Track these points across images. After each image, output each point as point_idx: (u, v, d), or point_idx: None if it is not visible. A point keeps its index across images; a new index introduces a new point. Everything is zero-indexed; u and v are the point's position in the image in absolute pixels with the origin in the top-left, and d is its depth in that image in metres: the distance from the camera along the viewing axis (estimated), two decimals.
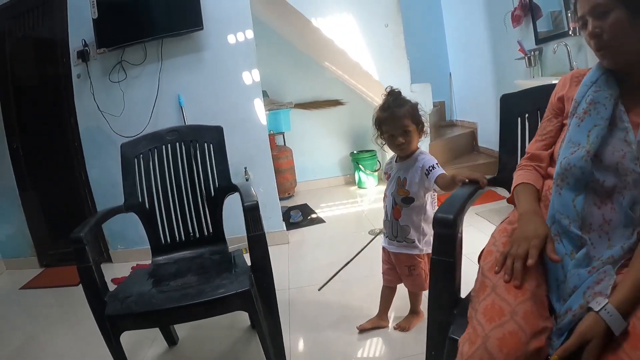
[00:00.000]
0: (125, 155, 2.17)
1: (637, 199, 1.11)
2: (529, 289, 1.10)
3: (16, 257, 3.92)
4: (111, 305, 1.65)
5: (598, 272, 1.05)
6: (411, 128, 1.95)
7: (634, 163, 1.11)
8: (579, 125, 1.20)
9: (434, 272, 1.35)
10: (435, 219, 1.34)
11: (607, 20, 1.11)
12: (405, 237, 2.05)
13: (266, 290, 1.79)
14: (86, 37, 3.33)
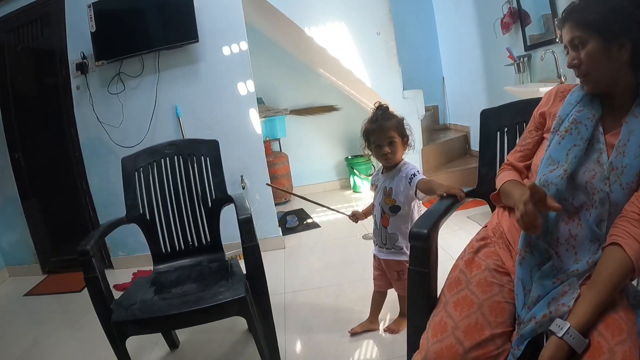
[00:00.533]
0: (126, 169, 2.26)
1: (603, 217, 1.17)
2: (476, 302, 1.19)
3: (19, 265, 3.99)
4: (117, 313, 1.75)
5: (563, 285, 1.14)
6: (397, 139, 2.06)
7: (603, 183, 1.18)
8: (560, 143, 1.27)
9: (411, 281, 1.43)
10: (411, 233, 1.42)
11: (584, 51, 1.19)
12: (393, 244, 2.14)
13: (260, 296, 1.89)
14: (85, 50, 3.41)
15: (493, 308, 1.19)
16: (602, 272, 1.09)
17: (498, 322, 1.16)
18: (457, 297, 1.24)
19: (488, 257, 1.33)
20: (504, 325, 1.17)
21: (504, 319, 1.18)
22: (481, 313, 1.17)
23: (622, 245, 1.09)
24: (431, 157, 4.53)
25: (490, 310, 1.18)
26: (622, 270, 1.08)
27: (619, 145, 1.19)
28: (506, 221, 1.38)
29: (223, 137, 3.37)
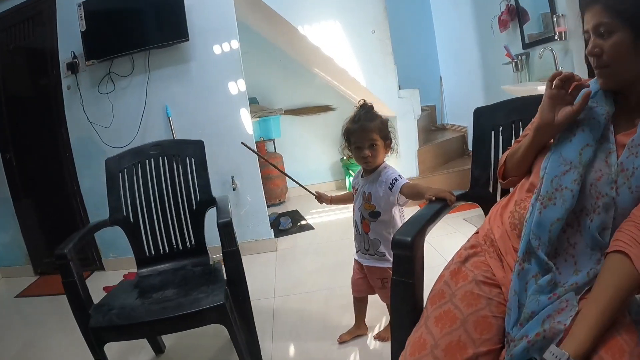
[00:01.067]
0: (109, 170, 2.23)
1: (607, 224, 1.06)
2: (459, 317, 1.11)
3: (11, 266, 3.98)
4: (95, 318, 1.71)
5: (560, 301, 1.02)
6: (378, 142, 1.97)
7: (609, 187, 1.07)
8: (571, 140, 1.16)
9: (394, 292, 1.35)
10: (393, 241, 1.34)
11: (609, 40, 1.08)
12: (376, 250, 2.07)
13: (241, 303, 1.85)
14: (75, 49, 3.39)
15: (478, 324, 1.10)
16: (606, 287, 0.98)
17: (483, 340, 1.07)
18: (439, 312, 1.15)
19: (476, 267, 1.24)
20: (491, 343, 1.07)
21: (491, 335, 1.09)
22: (464, 330, 1.08)
23: (629, 254, 0.97)
24: (427, 158, 4.48)
25: (474, 327, 1.09)
26: (630, 285, 0.96)
27: (632, 145, 1.07)
28: (498, 227, 1.28)
29: (214, 137, 3.36)
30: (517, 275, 1.10)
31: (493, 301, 1.14)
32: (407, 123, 4.29)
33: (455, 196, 1.61)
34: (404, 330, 1.20)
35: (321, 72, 4.95)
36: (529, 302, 1.05)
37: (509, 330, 1.06)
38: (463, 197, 1.71)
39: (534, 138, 1.24)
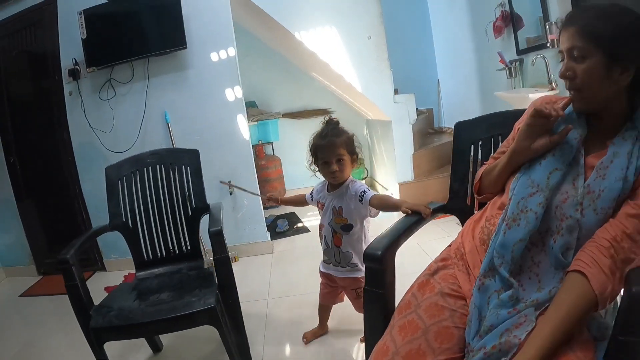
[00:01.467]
0: (109, 177, 2.33)
1: (570, 245, 1.08)
2: (421, 327, 1.15)
3: (15, 266, 4.06)
4: (95, 319, 1.81)
5: (519, 315, 1.06)
6: (345, 157, 2.02)
7: (574, 209, 1.09)
8: (541, 163, 1.18)
9: (367, 301, 1.41)
10: (365, 254, 1.40)
11: (583, 64, 1.08)
12: (348, 262, 2.12)
13: (232, 306, 1.95)
14: (76, 56, 3.47)
15: (439, 333, 1.14)
16: (560, 306, 1.01)
17: (443, 349, 1.12)
18: (404, 321, 1.20)
19: (444, 280, 1.29)
20: (450, 352, 1.12)
21: (451, 345, 1.13)
22: (425, 339, 1.13)
23: (586, 275, 1.01)
24: (422, 162, 4.51)
25: (435, 336, 1.13)
26: (584, 305, 1.00)
27: (601, 167, 1.09)
28: (469, 242, 1.32)
29: (211, 142, 3.44)
30: (478, 290, 1.16)
31: (457, 313, 1.19)
32: (402, 128, 4.33)
33: (430, 210, 1.65)
34: (376, 337, 1.24)
35: (319, 77, 5.00)
36: (489, 315, 1.09)
37: (469, 341, 1.11)
38: (441, 209, 1.76)
39: (509, 160, 1.27)
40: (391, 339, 1.17)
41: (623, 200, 1.08)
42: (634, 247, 1.03)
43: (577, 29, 1.08)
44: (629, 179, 1.06)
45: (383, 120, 4.56)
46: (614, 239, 1.03)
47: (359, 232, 2.09)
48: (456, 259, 1.33)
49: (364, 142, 5.64)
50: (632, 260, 1.03)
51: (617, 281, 1.01)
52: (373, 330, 1.34)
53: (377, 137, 5.08)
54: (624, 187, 1.06)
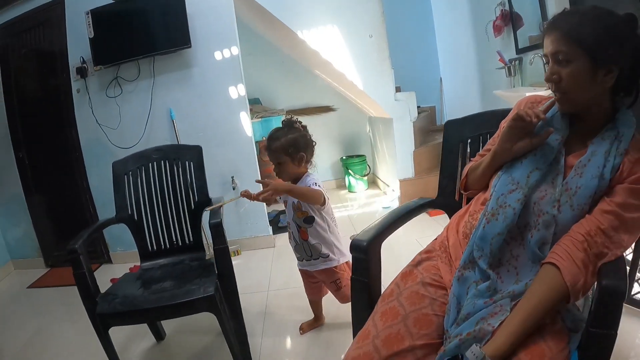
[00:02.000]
0: (116, 172, 2.42)
1: (546, 240, 1.13)
2: (401, 313, 1.20)
3: (24, 258, 4.16)
4: (101, 305, 1.91)
5: (495, 305, 1.10)
6: (284, 160, 2.11)
7: (551, 205, 1.13)
8: (522, 162, 1.22)
9: (353, 290, 1.47)
10: (351, 244, 1.45)
11: (567, 68, 1.10)
12: (319, 254, 2.18)
13: (230, 295, 2.04)
14: (84, 54, 3.55)
15: (418, 320, 1.19)
16: (532, 296, 1.06)
17: (421, 334, 1.16)
18: (386, 308, 1.25)
19: (427, 270, 1.33)
20: (428, 338, 1.16)
21: (429, 331, 1.17)
22: (404, 324, 1.18)
23: (559, 267, 1.05)
24: (423, 159, 4.55)
25: (414, 322, 1.18)
26: (555, 296, 1.05)
27: (579, 166, 1.14)
28: (453, 235, 1.36)
29: (215, 139, 3.51)
30: (457, 280, 1.21)
31: (437, 301, 1.24)
32: (403, 125, 4.38)
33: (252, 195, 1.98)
34: (362, 323, 1.28)
35: (322, 74, 5.06)
36: (466, 304, 1.14)
37: (447, 328, 1.16)
38: (430, 204, 1.82)
39: (492, 160, 1.31)
40: (373, 324, 1.23)
41: (599, 197, 1.12)
42: (607, 242, 1.07)
43: (561, 34, 1.10)
44: (605, 177, 1.10)
45: (384, 117, 4.62)
46: (588, 234, 1.07)
47: (321, 223, 2.15)
48: (440, 251, 1.38)
49: (366, 139, 5.72)
50: (605, 255, 1.06)
51: (590, 275, 1.05)
52: (359, 317, 1.38)
53: (379, 134, 5.15)
54: (600, 184, 1.10)
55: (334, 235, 2.20)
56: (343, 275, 2.22)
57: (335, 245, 2.20)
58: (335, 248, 2.20)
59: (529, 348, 1.02)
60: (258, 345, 2.37)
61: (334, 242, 2.19)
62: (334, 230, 2.20)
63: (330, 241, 2.18)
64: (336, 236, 2.21)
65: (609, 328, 1.00)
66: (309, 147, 2.19)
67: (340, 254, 2.21)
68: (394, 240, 1.62)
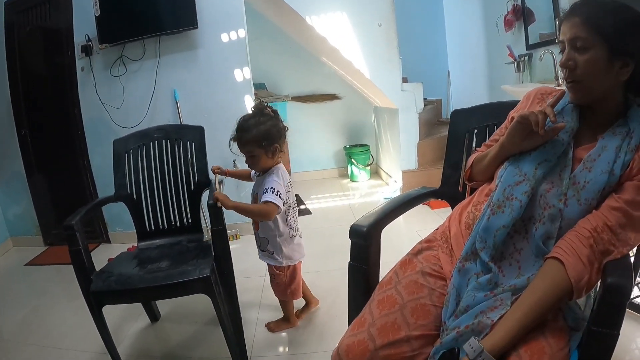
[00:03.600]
0: (116, 150, 2.39)
1: (551, 234, 1.10)
2: (399, 302, 1.19)
3: (23, 236, 4.15)
4: (95, 283, 1.88)
5: (495, 299, 1.08)
6: (255, 152, 2.04)
7: (557, 199, 1.10)
8: (531, 154, 1.19)
9: (350, 276, 1.43)
10: (351, 228, 1.41)
11: (584, 55, 1.07)
12: (266, 247, 2.19)
13: (226, 277, 2.02)
14: (89, 33, 3.52)
15: (415, 310, 1.17)
16: (534, 291, 1.04)
17: (418, 325, 1.14)
18: (383, 296, 1.23)
19: (427, 260, 1.31)
20: (425, 329, 1.15)
21: (427, 322, 1.16)
22: (401, 313, 1.16)
23: (563, 262, 1.02)
24: (427, 151, 4.54)
25: (412, 312, 1.16)
26: (558, 292, 1.02)
27: (588, 160, 1.11)
28: (455, 226, 1.33)
29: (218, 121, 3.48)
30: (458, 272, 1.18)
31: (435, 292, 1.22)
32: (408, 116, 4.36)
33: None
34: (358, 311, 1.26)
35: (329, 62, 5.03)
36: (466, 296, 1.12)
37: (445, 319, 1.14)
38: (432, 194, 1.79)
39: (499, 152, 1.28)
40: (369, 311, 1.21)
41: (608, 193, 1.09)
42: (613, 240, 1.04)
43: (581, 20, 1.07)
44: (615, 173, 1.08)
45: (390, 108, 4.59)
46: (595, 230, 1.05)
47: (269, 223, 2.13)
48: (441, 241, 1.36)
49: (370, 129, 5.69)
50: (611, 252, 1.04)
51: (595, 272, 1.03)
52: (355, 304, 1.36)
53: (383, 125, 5.12)
54: (609, 180, 1.08)
55: (283, 239, 2.17)
56: (279, 276, 2.23)
57: (281, 247, 2.18)
58: (281, 251, 2.18)
59: (529, 344, 1.00)
60: (252, 331, 2.36)
61: (280, 245, 2.17)
62: (283, 233, 2.17)
63: (277, 243, 2.17)
64: (285, 239, 2.18)
65: (611, 327, 0.97)
66: (282, 137, 2.10)
67: (285, 258, 2.20)
68: (394, 232, 1.60)
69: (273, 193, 1.99)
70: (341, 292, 2.45)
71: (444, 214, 3.23)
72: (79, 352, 2.33)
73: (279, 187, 2.02)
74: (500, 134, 1.39)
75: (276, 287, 2.28)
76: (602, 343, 0.99)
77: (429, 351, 1.11)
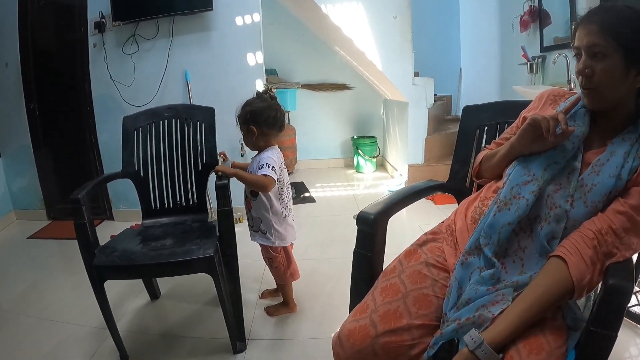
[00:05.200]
0: (126, 127, 2.38)
1: (556, 234, 1.11)
2: (402, 290, 1.20)
3: (26, 209, 4.16)
4: (99, 257, 1.89)
5: (497, 294, 1.09)
6: (243, 130, 2.19)
7: (564, 200, 1.12)
8: (541, 154, 1.19)
9: (354, 263, 1.44)
10: (358, 216, 1.42)
11: (602, 63, 1.06)
12: (259, 227, 2.22)
13: (229, 258, 2.02)
14: (103, 9, 3.50)
15: (418, 299, 1.18)
16: (536, 287, 1.05)
17: (420, 314, 1.16)
18: (386, 284, 1.25)
19: (431, 251, 1.33)
20: (426, 318, 1.16)
21: (428, 312, 1.17)
22: (404, 302, 1.18)
23: (566, 261, 1.03)
24: (434, 147, 4.54)
25: (414, 301, 1.18)
26: (560, 289, 1.03)
27: (597, 164, 1.12)
28: (461, 220, 1.34)
29: (228, 104, 3.42)
30: (461, 265, 1.19)
31: (438, 283, 1.23)
32: (418, 110, 4.36)
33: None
34: (360, 298, 1.28)
35: (341, 51, 5.01)
36: (468, 289, 1.14)
37: (446, 311, 1.15)
38: (439, 187, 1.80)
39: (509, 152, 1.28)
40: (372, 298, 1.22)
41: (614, 197, 1.10)
42: (617, 243, 1.05)
43: (598, 27, 1.06)
44: (622, 178, 1.08)
45: (400, 101, 4.58)
46: (599, 232, 1.05)
47: (264, 201, 2.17)
48: (446, 234, 1.37)
49: (378, 121, 5.69)
50: (614, 255, 1.05)
51: (597, 273, 1.04)
52: (358, 291, 1.37)
53: (392, 118, 5.11)
54: (616, 184, 1.08)
55: (276, 217, 2.21)
56: (276, 258, 2.26)
57: (274, 226, 2.21)
58: (274, 230, 2.21)
59: (528, 339, 1.01)
60: (251, 314, 2.37)
61: (272, 224, 2.20)
62: (277, 212, 2.21)
63: (269, 221, 2.20)
64: (278, 219, 2.22)
65: (609, 329, 0.98)
66: (261, 120, 2.15)
67: (277, 237, 2.23)
68: (397, 224, 1.60)
69: (269, 167, 2.07)
70: (341, 280, 2.48)
71: (448, 210, 3.23)
72: (76, 325, 2.35)
73: (273, 163, 2.10)
74: (511, 132, 1.40)
75: (275, 271, 2.30)
76: (599, 344, 1.00)
77: (429, 341, 1.12)
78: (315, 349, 2.10)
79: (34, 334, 2.30)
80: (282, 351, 2.11)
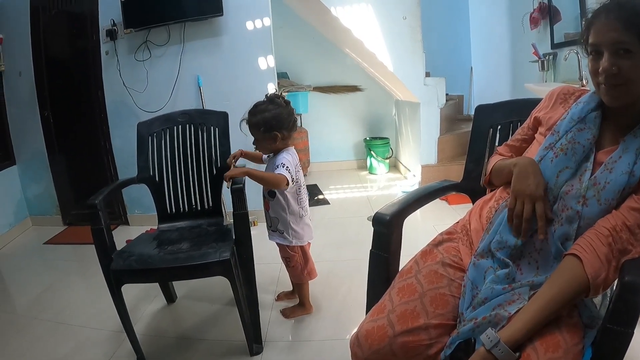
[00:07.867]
0: (140, 133, 2.40)
1: (569, 235, 1.10)
2: (419, 290, 1.21)
3: (42, 215, 4.21)
4: (116, 262, 1.91)
5: (512, 293, 1.09)
6: (256, 136, 2.19)
7: (576, 201, 1.11)
8: (552, 161, 1.18)
9: (371, 264, 1.45)
10: (374, 217, 1.43)
11: (629, 60, 1.03)
12: (276, 227, 2.25)
13: (246, 261, 2.03)
14: (115, 17, 3.54)
15: (435, 299, 1.19)
16: (552, 286, 1.05)
17: (437, 314, 1.16)
18: (403, 284, 1.25)
19: (447, 251, 1.33)
20: (444, 318, 1.17)
21: (445, 311, 1.18)
22: (421, 302, 1.18)
23: (582, 259, 1.03)
24: (447, 147, 4.52)
25: (431, 301, 1.18)
26: (575, 287, 1.03)
27: (609, 162, 1.10)
28: (475, 220, 1.34)
29: (240, 108, 3.43)
30: (473, 265, 1.20)
31: (455, 282, 1.24)
32: (430, 110, 4.34)
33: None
34: (377, 298, 1.28)
35: (352, 53, 5.01)
36: (484, 288, 1.13)
37: (462, 310, 1.16)
38: (454, 187, 1.80)
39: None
40: (389, 298, 1.23)
41: (628, 194, 1.09)
42: (632, 239, 1.05)
43: (621, 24, 1.02)
44: (635, 174, 1.07)
45: (412, 101, 4.57)
46: (614, 229, 1.05)
47: (281, 200, 2.20)
48: (461, 234, 1.37)
49: (391, 122, 5.68)
50: (629, 252, 1.04)
51: (612, 270, 1.03)
52: (374, 292, 1.38)
53: (404, 118, 5.10)
54: (630, 181, 1.07)
55: (293, 216, 2.23)
56: (294, 257, 2.28)
57: (291, 226, 2.23)
58: (291, 229, 2.23)
59: (544, 337, 1.00)
60: (267, 316, 2.38)
61: (290, 223, 2.23)
62: (294, 212, 2.23)
63: (287, 221, 2.22)
64: (295, 218, 2.24)
65: (626, 326, 0.98)
66: (284, 126, 2.17)
67: (295, 237, 2.25)
68: (411, 225, 1.60)
69: (283, 167, 2.09)
70: (356, 281, 2.48)
71: (462, 210, 3.22)
72: (92, 329, 2.38)
73: (288, 164, 2.11)
74: (523, 133, 1.41)
75: (292, 271, 2.32)
76: (616, 341, 0.99)
77: (446, 341, 1.13)
78: (331, 350, 2.10)
79: (50, 338, 2.33)
80: (298, 353, 2.12)
